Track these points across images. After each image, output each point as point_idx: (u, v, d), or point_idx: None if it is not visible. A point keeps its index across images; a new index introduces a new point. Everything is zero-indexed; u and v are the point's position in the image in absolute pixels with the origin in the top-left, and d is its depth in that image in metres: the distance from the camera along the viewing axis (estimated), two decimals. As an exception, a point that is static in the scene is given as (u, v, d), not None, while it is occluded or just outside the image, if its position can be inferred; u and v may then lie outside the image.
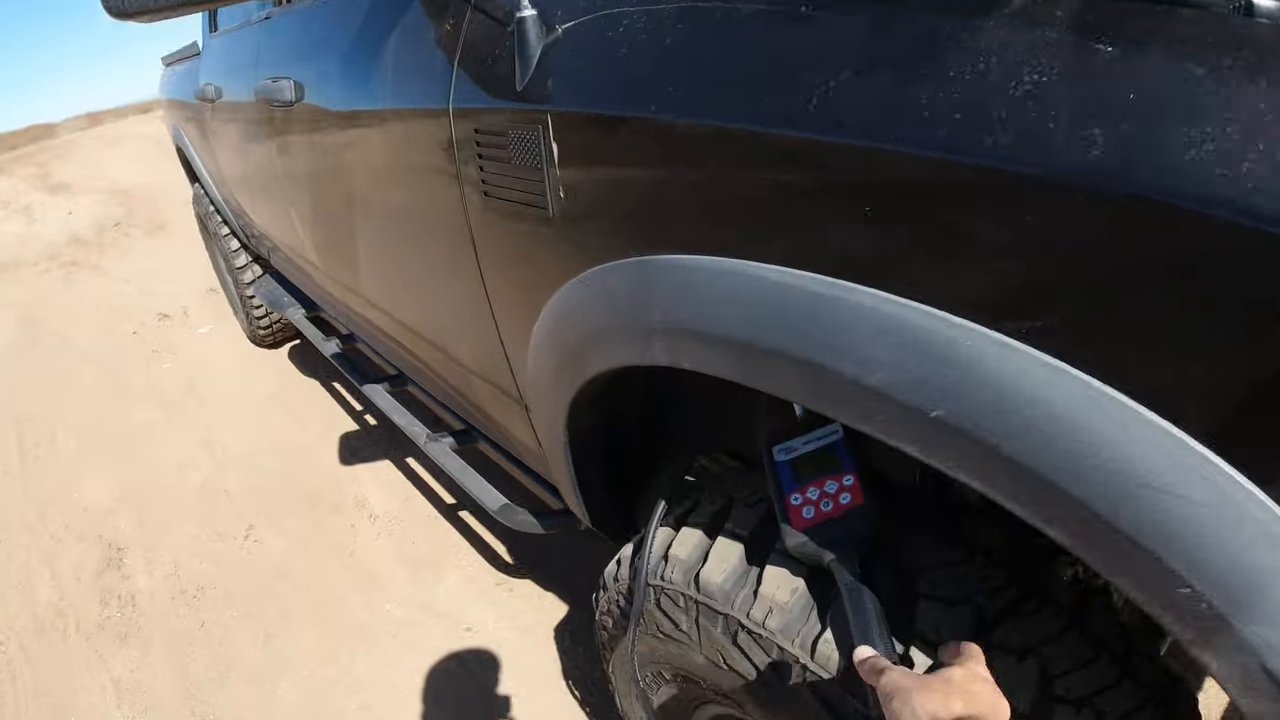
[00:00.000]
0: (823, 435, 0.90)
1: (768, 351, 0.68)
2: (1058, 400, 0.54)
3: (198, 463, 3.14)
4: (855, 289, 0.62)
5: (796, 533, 0.87)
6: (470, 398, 1.72)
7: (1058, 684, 0.81)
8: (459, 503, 2.70)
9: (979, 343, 0.56)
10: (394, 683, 2.04)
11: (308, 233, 2.20)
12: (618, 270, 0.85)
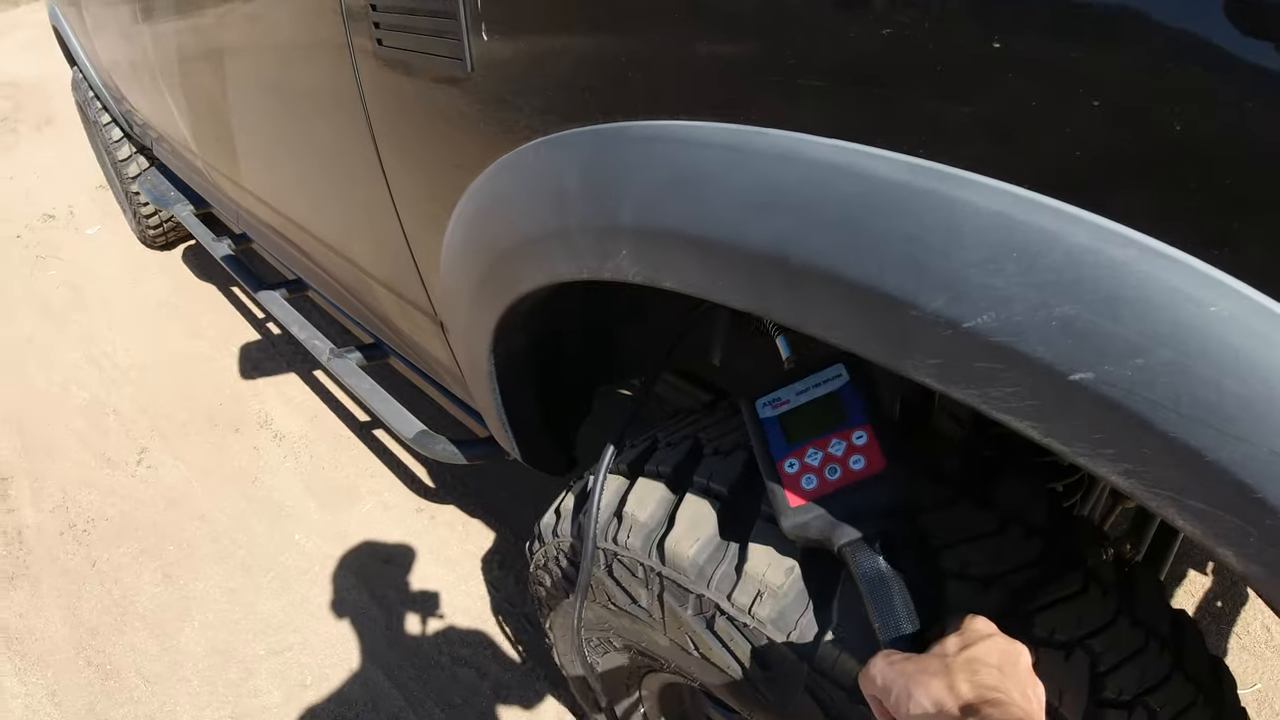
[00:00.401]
0: (821, 380, 0.70)
1: (806, 270, 0.45)
2: (1260, 368, 0.33)
3: (83, 379, 2.76)
4: (951, 173, 0.39)
5: (794, 509, 0.65)
6: (375, 309, 1.45)
7: (1108, 682, 0.64)
8: (373, 421, 2.44)
9: (1166, 274, 0.35)
10: (307, 623, 1.83)
11: (185, 117, 1.83)
12: (567, 144, 0.59)
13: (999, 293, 0.39)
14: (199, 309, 3.08)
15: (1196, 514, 0.37)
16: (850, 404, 0.68)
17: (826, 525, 0.64)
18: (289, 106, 1.13)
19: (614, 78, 0.55)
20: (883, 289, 0.42)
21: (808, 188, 0.43)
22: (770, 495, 0.68)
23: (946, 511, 0.70)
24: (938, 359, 0.41)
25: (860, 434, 0.66)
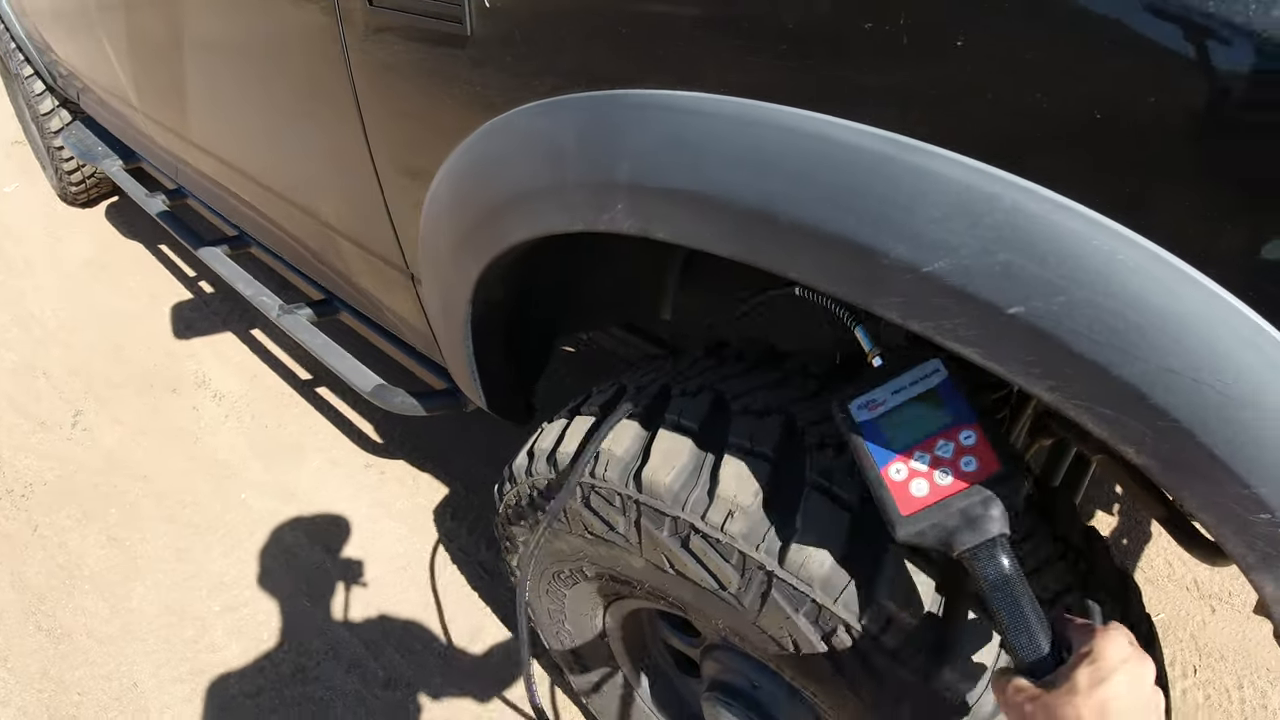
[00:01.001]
0: (918, 378, 0.66)
1: (791, 223, 0.53)
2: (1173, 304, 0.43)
3: (9, 341, 2.66)
4: (926, 149, 0.47)
5: (908, 518, 0.63)
6: (335, 265, 1.48)
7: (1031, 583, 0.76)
8: (316, 378, 2.44)
9: (1078, 225, 0.44)
10: (260, 580, 1.85)
11: (125, 67, 1.78)
12: (566, 108, 0.66)
13: (951, 243, 0.48)
14: (126, 267, 3.00)
15: (1105, 419, 0.47)
16: (952, 402, 0.64)
17: (945, 533, 0.62)
18: (257, 60, 1.14)
19: (614, 47, 0.61)
20: (858, 240, 0.50)
21: (796, 154, 0.51)
22: (880, 504, 0.64)
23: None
24: (901, 298, 0.50)
25: (968, 434, 0.63)
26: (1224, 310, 0.43)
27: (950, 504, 0.62)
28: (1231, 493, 0.46)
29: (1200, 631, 1.57)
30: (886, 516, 0.64)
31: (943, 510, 0.61)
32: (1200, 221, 0.43)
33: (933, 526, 0.62)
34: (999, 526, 0.61)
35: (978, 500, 0.61)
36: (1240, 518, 0.47)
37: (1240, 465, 0.45)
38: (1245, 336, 0.43)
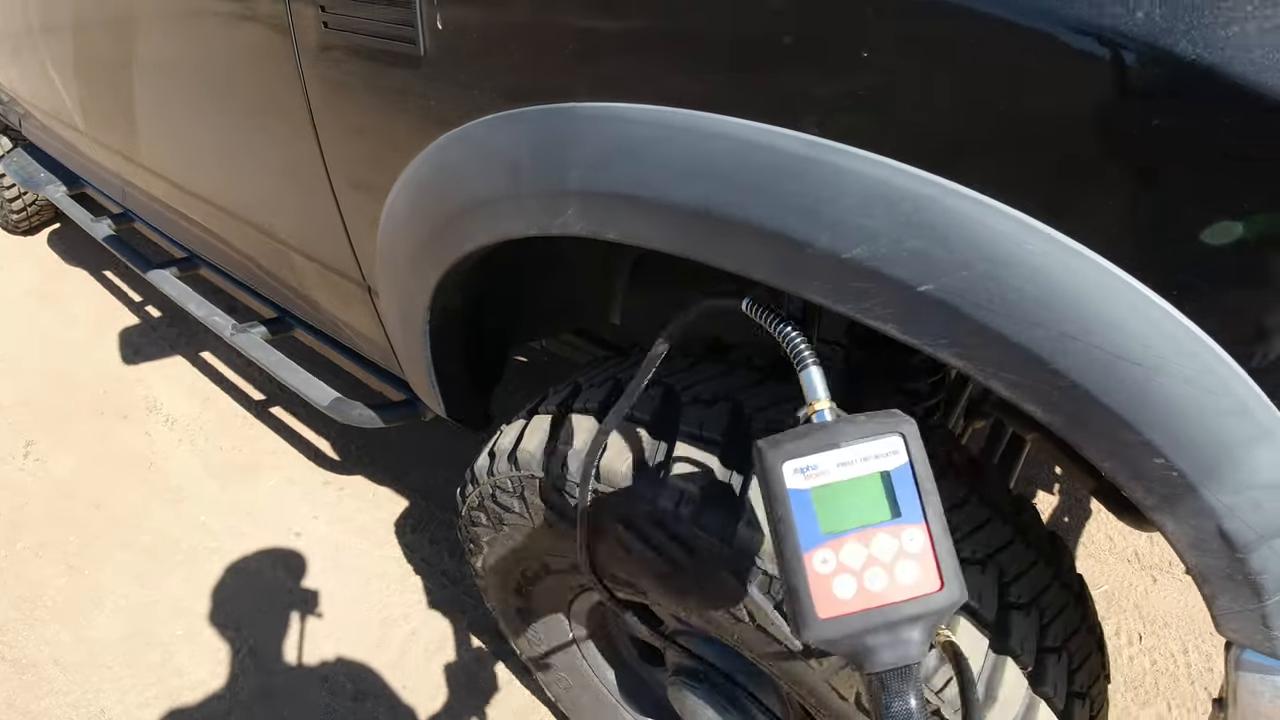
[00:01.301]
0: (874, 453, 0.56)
1: (728, 220, 0.59)
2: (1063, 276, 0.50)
3: (-49, 371, 2.61)
4: (845, 150, 0.53)
5: (823, 622, 0.54)
6: (290, 282, 1.50)
7: (963, 546, 0.82)
8: (269, 399, 2.44)
9: (980, 212, 0.50)
10: (223, 602, 1.84)
11: (71, 91, 1.78)
12: (518, 121, 0.71)
13: (868, 232, 0.54)
14: (71, 295, 2.95)
15: (1010, 382, 0.54)
16: (904, 492, 0.55)
17: (861, 650, 0.54)
18: (211, 81, 1.17)
19: (563, 64, 0.66)
20: (786, 233, 0.56)
21: (730, 158, 0.57)
22: (791, 594, 0.55)
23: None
24: (827, 283, 0.56)
25: (913, 535, 0.54)
26: (1113, 281, 0.49)
27: (876, 617, 0.53)
28: (1128, 441, 0.53)
29: (1143, 601, 1.67)
30: (797, 611, 0.54)
31: (865, 622, 0.53)
32: (1088, 205, 0.49)
33: (848, 639, 0.54)
34: (918, 651, 0.54)
35: (906, 618, 0.53)
36: (1136, 464, 0.53)
37: (1132, 417, 0.52)
38: (1132, 303, 0.49)
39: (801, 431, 0.58)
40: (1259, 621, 0.56)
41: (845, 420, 0.58)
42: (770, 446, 0.56)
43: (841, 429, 0.57)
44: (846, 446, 0.56)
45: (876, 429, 0.56)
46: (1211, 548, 0.54)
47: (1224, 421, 0.50)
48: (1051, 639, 0.81)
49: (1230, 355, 0.48)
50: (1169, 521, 0.55)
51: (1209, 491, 0.52)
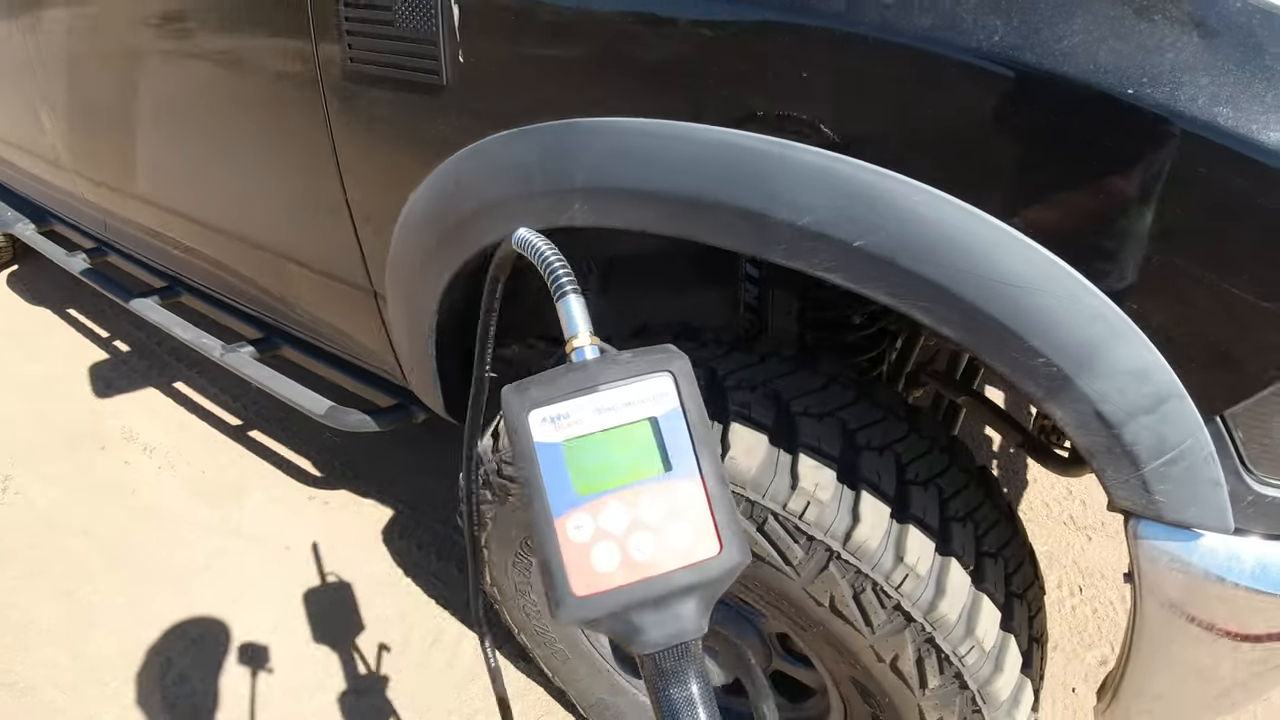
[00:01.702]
0: (638, 396, 0.49)
1: (709, 204, 0.78)
2: (955, 227, 0.70)
3: (-84, 412, 2.66)
4: (793, 145, 0.73)
5: (579, 600, 0.46)
6: (288, 297, 1.65)
7: (908, 470, 1.02)
8: (245, 423, 2.56)
9: (896, 186, 0.71)
10: (216, 614, 1.96)
11: (60, 128, 1.92)
12: (529, 135, 0.90)
13: (814, 204, 0.74)
14: (36, 333, 3.03)
15: (925, 310, 0.74)
16: (674, 441, 0.49)
17: (628, 630, 0.47)
18: (226, 111, 1.34)
19: (566, 88, 0.86)
20: (753, 209, 0.76)
21: (708, 156, 0.77)
22: (544, 567, 0.47)
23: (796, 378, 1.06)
24: (785, 245, 0.76)
25: (687, 492, 0.48)
26: (989, 227, 0.70)
27: (643, 590, 0.46)
28: (1016, 348, 0.73)
29: (1080, 557, 1.90)
30: (550, 588, 0.46)
31: (631, 597, 0.46)
32: (969, 171, 0.70)
33: (611, 619, 0.47)
34: (695, 626, 0.48)
35: (679, 589, 0.47)
36: (1025, 365, 0.73)
37: (1017, 328, 0.72)
38: (1006, 241, 0.70)
39: (554, 374, 0.50)
40: (1140, 487, 0.76)
41: (608, 359, 0.51)
42: (515, 393, 0.49)
43: (602, 369, 0.49)
44: (606, 389, 0.48)
45: (642, 367, 0.49)
46: (1093, 427, 0.74)
47: (1086, 326, 0.70)
48: (987, 546, 1.01)
49: (1084, 276, 0.69)
50: (1057, 409, 0.75)
51: (1083, 381, 0.72)
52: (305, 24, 1.09)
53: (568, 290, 0.54)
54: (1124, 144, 0.64)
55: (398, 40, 0.98)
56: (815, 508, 0.94)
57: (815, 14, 0.70)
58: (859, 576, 0.95)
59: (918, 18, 0.67)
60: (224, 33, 1.26)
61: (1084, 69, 0.64)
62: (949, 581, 0.95)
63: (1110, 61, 0.63)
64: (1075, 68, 0.64)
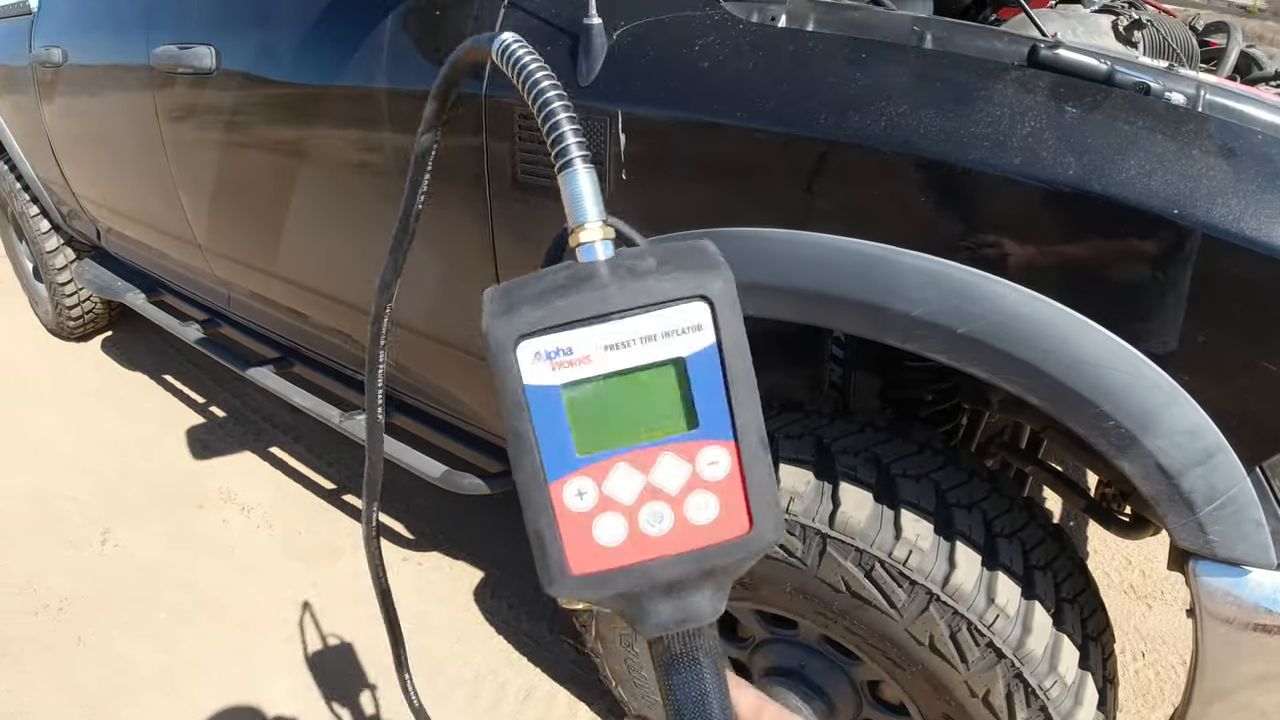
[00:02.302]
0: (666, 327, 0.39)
1: (836, 297, 1.03)
2: (1041, 317, 0.94)
3: (24, 466, 2.95)
4: (905, 251, 0.98)
5: (576, 578, 0.40)
6: (417, 370, 1.92)
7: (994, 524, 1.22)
8: (339, 488, 2.81)
9: (993, 285, 0.95)
10: (320, 663, 2.16)
11: (199, 210, 2.25)
12: (684, 240, 1.16)
13: (926, 298, 0.98)
14: (132, 397, 3.34)
15: (1014, 382, 0.96)
16: (705, 389, 0.39)
17: (632, 610, 0.42)
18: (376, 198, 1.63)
19: (713, 205, 1.12)
20: (873, 302, 1.00)
21: (835, 259, 1.02)
22: (535, 539, 0.40)
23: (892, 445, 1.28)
24: (900, 332, 0.99)
25: (716, 457, 0.40)
26: (1069, 317, 0.93)
27: (655, 572, 0.41)
28: (1090, 412, 0.95)
29: (1141, 624, 2.05)
30: (542, 560, 0.40)
31: (641, 579, 0.41)
32: (1049, 272, 0.93)
33: (616, 598, 0.41)
34: (711, 607, 0.43)
35: (699, 572, 0.41)
36: (1098, 426, 0.95)
37: (1091, 395, 0.94)
38: (1083, 328, 0.93)
39: (552, 281, 0.39)
40: (1198, 529, 0.97)
41: (625, 264, 0.40)
42: (499, 307, 0.38)
43: (617, 281, 0.39)
44: (620, 319, 0.38)
45: (671, 288, 0.39)
46: (1156, 478, 0.95)
47: (1148, 394, 0.92)
48: (1065, 593, 1.21)
49: (1142, 353, 0.91)
50: (1126, 463, 0.96)
51: (1146, 439, 0.94)
52: (480, 130, 1.37)
53: (575, 159, 0.42)
54: (1173, 251, 0.87)
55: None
56: (917, 555, 1.15)
57: (925, 150, 0.95)
58: (955, 617, 1.15)
59: (1011, 156, 0.92)
60: (385, 129, 1.55)
61: (1139, 195, 0.88)
62: (1034, 621, 1.15)
63: (1159, 188, 0.87)
64: (1132, 194, 0.88)
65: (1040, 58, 0.95)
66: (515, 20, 1.32)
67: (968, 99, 0.95)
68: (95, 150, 2.67)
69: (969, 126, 0.94)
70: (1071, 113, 0.92)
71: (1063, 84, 0.94)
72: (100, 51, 2.37)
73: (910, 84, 0.98)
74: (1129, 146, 0.89)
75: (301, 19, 1.69)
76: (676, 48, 1.14)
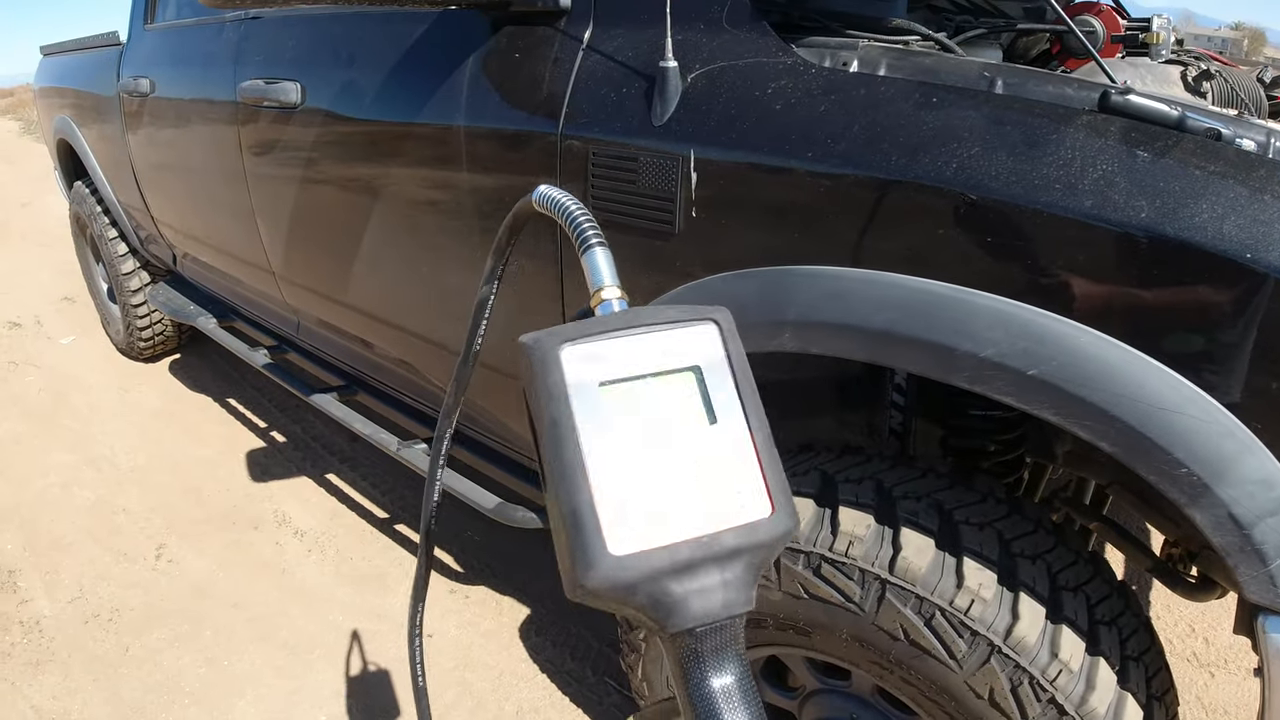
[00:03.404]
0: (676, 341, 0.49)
1: (905, 337, 1.04)
2: (1113, 361, 0.94)
3: (85, 481, 3.08)
4: (975, 292, 1.00)
5: (618, 558, 0.42)
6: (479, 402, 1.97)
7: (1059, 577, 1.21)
8: (391, 517, 2.87)
9: (1063, 328, 0.96)
10: (361, 691, 2.19)
11: (276, 239, 2.35)
12: (748, 278, 1.19)
13: (994, 339, 0.99)
14: (196, 418, 3.47)
15: (1086, 427, 0.95)
16: (720, 392, 0.48)
17: (664, 601, 0.43)
18: (466, 239, 1.69)
19: (782, 246, 1.15)
20: (941, 342, 1.01)
21: (902, 298, 1.03)
22: (569, 525, 0.43)
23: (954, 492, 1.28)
24: (968, 372, 1.00)
25: (738, 446, 0.47)
26: (1142, 361, 0.93)
27: (689, 551, 0.43)
28: (1163, 459, 0.94)
29: (1204, 694, 1.98)
30: (579, 545, 0.42)
31: (676, 558, 0.43)
32: (1123, 313, 0.94)
33: (647, 581, 0.43)
34: (743, 598, 0.44)
35: (729, 550, 0.44)
36: (1170, 474, 0.94)
37: (1165, 442, 0.93)
38: (1157, 373, 0.93)
39: (581, 324, 0.48)
40: (1269, 582, 0.95)
41: (640, 309, 0.50)
42: (540, 336, 0.47)
43: (636, 316, 0.49)
44: (644, 333, 0.47)
45: (682, 316, 0.49)
46: (1227, 528, 0.94)
47: (1220, 442, 0.92)
48: (1130, 650, 1.19)
49: (1216, 399, 0.91)
50: (1197, 512, 0.95)
51: (1219, 488, 0.93)
52: (554, 168, 1.42)
53: (593, 242, 0.55)
54: (1245, 295, 0.87)
55: (638, 195, 1.30)
56: (979, 605, 1.14)
57: (996, 192, 0.97)
58: (1017, 670, 1.13)
59: (1083, 199, 0.93)
60: (462, 167, 1.62)
61: (1212, 238, 0.88)
62: (1098, 678, 1.13)
63: (1232, 232, 0.88)
64: (1205, 237, 0.89)
65: (1111, 103, 0.97)
66: (592, 63, 1.38)
67: (1039, 142, 0.97)
68: (177, 178, 2.81)
69: (1040, 169, 0.96)
70: (1143, 157, 0.93)
71: (1134, 129, 0.96)
72: (188, 84, 2.51)
73: (982, 127, 1.00)
74: (1201, 191, 0.90)
75: (385, 58, 1.79)
76: (749, 91, 1.19)
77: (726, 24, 1.26)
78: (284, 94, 2.03)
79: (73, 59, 3.44)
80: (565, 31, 1.43)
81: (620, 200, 1.33)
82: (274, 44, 2.16)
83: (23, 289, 4.73)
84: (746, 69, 1.21)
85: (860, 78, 1.12)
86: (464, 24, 1.61)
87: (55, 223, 4.54)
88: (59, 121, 3.64)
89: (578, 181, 1.38)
